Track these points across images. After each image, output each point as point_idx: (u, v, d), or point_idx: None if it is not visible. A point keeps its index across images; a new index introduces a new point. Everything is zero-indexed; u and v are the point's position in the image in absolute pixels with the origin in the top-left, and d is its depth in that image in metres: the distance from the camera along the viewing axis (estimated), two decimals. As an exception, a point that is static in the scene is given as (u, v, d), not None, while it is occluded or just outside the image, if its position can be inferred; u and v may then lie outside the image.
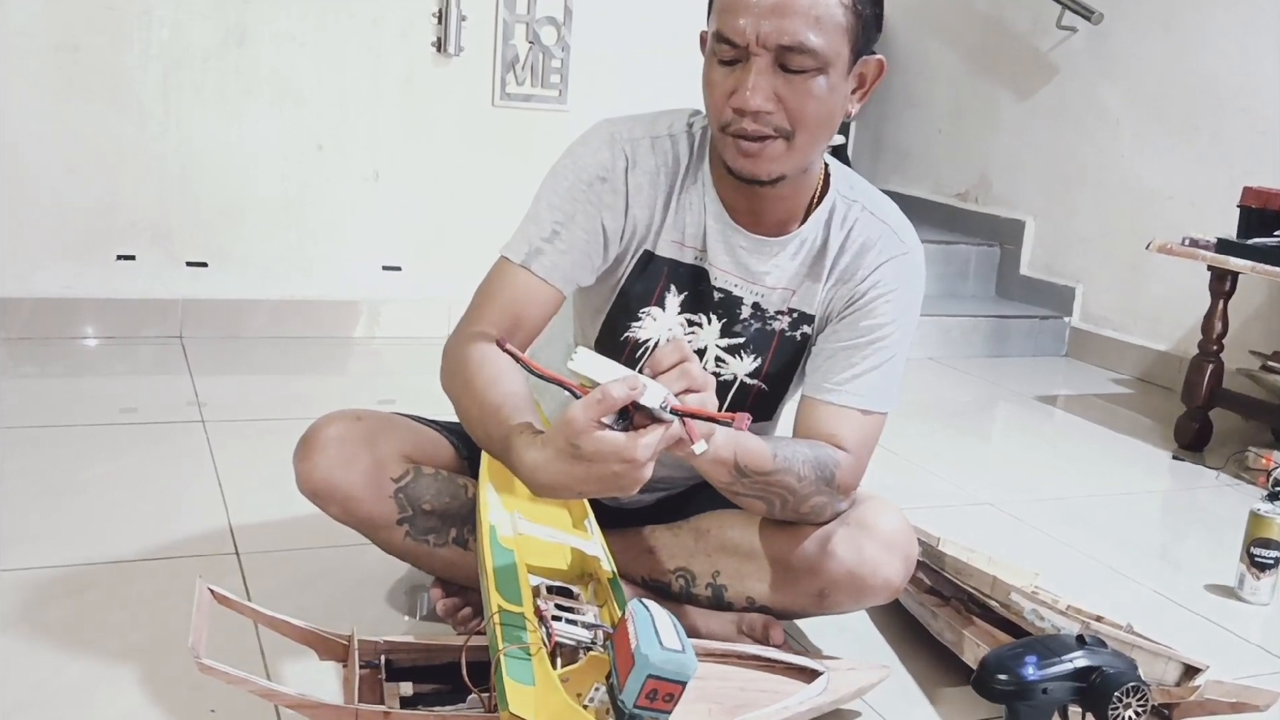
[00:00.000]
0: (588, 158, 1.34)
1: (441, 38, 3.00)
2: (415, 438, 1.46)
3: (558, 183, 1.34)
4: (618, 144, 1.34)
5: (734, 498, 1.33)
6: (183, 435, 2.20)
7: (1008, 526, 2.19)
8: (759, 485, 1.29)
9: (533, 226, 1.33)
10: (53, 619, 1.47)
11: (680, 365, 1.05)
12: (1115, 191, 3.67)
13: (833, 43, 1.20)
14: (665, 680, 0.94)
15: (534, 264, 1.31)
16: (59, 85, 2.70)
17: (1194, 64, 3.41)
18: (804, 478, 1.31)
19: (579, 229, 1.32)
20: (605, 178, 1.33)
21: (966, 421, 3.08)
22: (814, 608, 1.45)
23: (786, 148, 1.24)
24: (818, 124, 1.24)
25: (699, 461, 1.21)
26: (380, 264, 3.09)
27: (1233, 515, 2.22)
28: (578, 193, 1.33)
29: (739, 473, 1.26)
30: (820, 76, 1.21)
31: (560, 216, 1.32)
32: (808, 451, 1.32)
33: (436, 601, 1.49)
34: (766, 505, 1.34)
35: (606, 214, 1.33)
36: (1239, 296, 2.77)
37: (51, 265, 2.76)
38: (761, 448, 1.27)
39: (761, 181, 1.27)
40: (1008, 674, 1.30)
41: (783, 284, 1.40)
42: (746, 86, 1.20)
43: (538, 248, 1.32)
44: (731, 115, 1.23)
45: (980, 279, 4.10)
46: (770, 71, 1.20)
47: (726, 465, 1.25)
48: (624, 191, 1.34)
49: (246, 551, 1.72)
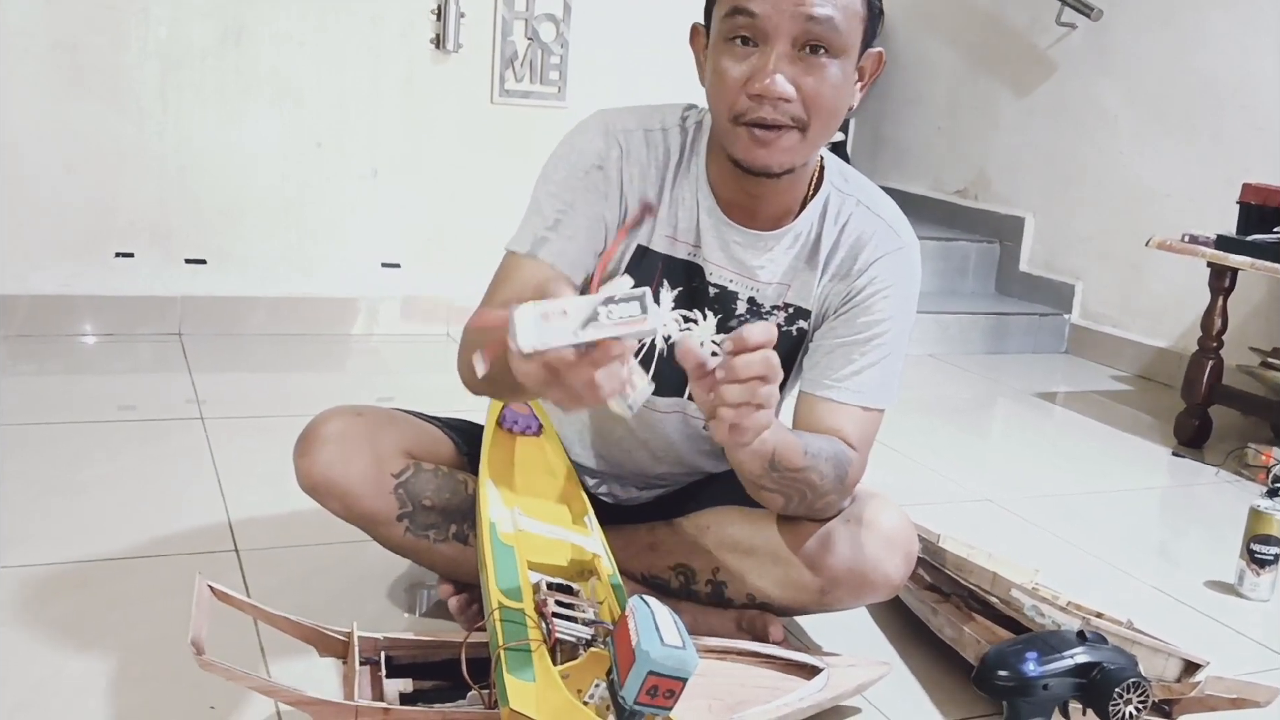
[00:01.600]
0: (584, 146, 1.33)
1: (440, 35, 3.00)
2: (415, 433, 1.46)
3: (555, 172, 1.34)
4: (612, 134, 1.33)
5: (757, 491, 1.31)
6: (181, 433, 2.20)
7: (1008, 523, 2.19)
8: (786, 480, 1.27)
9: (535, 218, 1.32)
10: (52, 616, 1.47)
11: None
12: (1115, 188, 3.67)
13: (851, 28, 1.20)
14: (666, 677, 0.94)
15: (541, 252, 1.30)
16: (58, 84, 2.69)
17: (1193, 61, 3.41)
18: (825, 476, 1.30)
19: (581, 216, 1.31)
20: (601, 166, 1.32)
21: (966, 418, 3.08)
22: (814, 604, 1.45)
23: (801, 139, 1.23)
24: (831, 114, 1.24)
25: (739, 452, 1.20)
26: (379, 261, 3.09)
27: (1232, 511, 2.22)
28: (575, 180, 1.32)
29: (772, 466, 1.24)
30: (835, 64, 1.20)
31: (561, 205, 1.31)
32: (829, 449, 1.31)
33: (448, 598, 1.48)
34: (785, 500, 1.32)
35: (604, 202, 1.32)
36: (1238, 293, 2.77)
37: (50, 263, 2.76)
38: (796, 442, 1.25)
39: (772, 173, 1.26)
40: (1008, 670, 1.30)
41: (777, 278, 1.39)
42: (766, 72, 1.18)
43: (542, 237, 1.30)
44: (748, 103, 1.20)
45: (980, 276, 4.09)
46: (790, 57, 1.19)
47: (765, 458, 1.22)
48: (618, 181, 1.33)
49: (246, 548, 1.72)
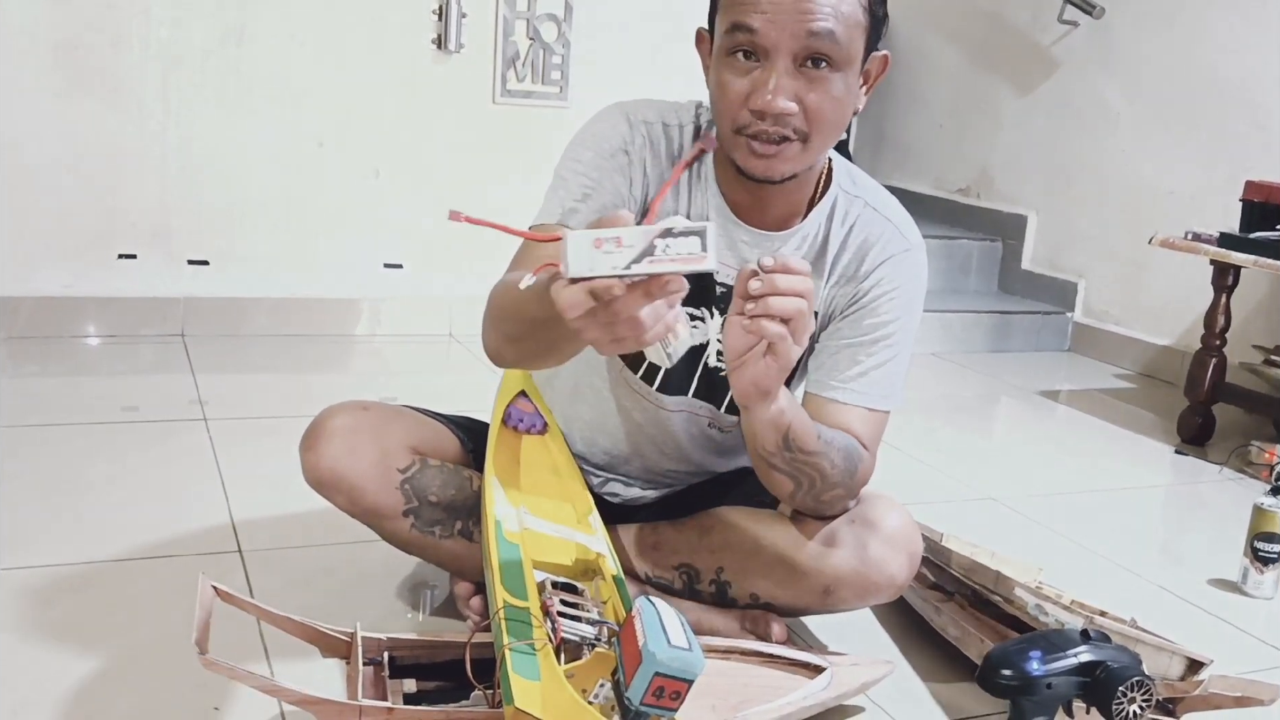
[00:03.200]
0: (608, 130, 1.33)
1: (442, 35, 3.00)
2: (421, 430, 1.46)
3: (581, 152, 1.32)
4: (635, 122, 1.33)
5: (768, 472, 1.30)
6: (185, 433, 2.20)
7: (1011, 522, 2.19)
8: (798, 462, 1.27)
9: (562, 191, 1.31)
10: (56, 617, 1.47)
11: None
12: (1117, 186, 3.67)
13: (853, 39, 1.20)
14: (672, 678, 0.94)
15: (571, 220, 1.27)
16: (59, 84, 2.69)
17: (1195, 58, 3.40)
18: (835, 465, 1.30)
19: (607, 193, 1.30)
20: (626, 150, 1.32)
21: (969, 417, 3.07)
22: (818, 605, 1.45)
23: (802, 149, 1.23)
24: (833, 126, 1.24)
25: (760, 417, 1.19)
26: (381, 262, 3.09)
27: (1236, 510, 2.21)
28: (603, 160, 1.31)
29: (785, 444, 1.24)
30: (837, 75, 1.20)
31: (588, 182, 1.30)
32: (841, 440, 1.31)
33: (469, 598, 1.49)
34: (794, 485, 1.31)
35: (627, 185, 1.32)
36: (1241, 291, 2.77)
37: (52, 264, 2.76)
38: (811, 426, 1.25)
39: (773, 181, 1.26)
40: (1012, 669, 1.30)
41: None
42: (768, 88, 1.18)
43: (571, 208, 1.29)
44: (749, 117, 1.20)
45: (982, 274, 4.09)
46: (792, 72, 1.19)
47: (781, 431, 1.22)
48: (641, 166, 1.33)
49: (249, 549, 1.72)
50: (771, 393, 1.16)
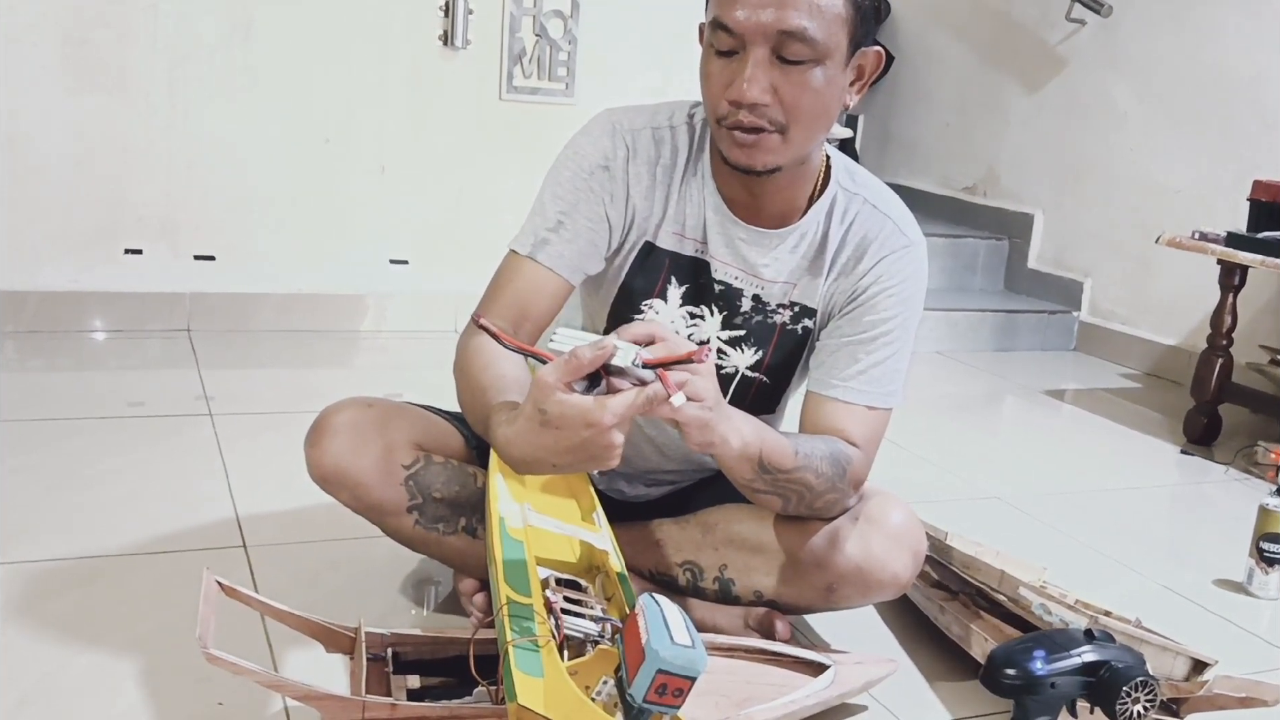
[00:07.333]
0: (588, 147, 1.35)
1: (448, 31, 3.00)
2: (426, 426, 1.46)
3: (560, 173, 1.35)
4: (619, 133, 1.35)
5: (752, 495, 1.32)
6: (190, 428, 2.20)
7: (1016, 521, 2.18)
8: (780, 482, 1.28)
9: (538, 218, 1.35)
10: (60, 611, 1.47)
11: (649, 330, 1.08)
12: (1124, 185, 3.66)
13: (832, 33, 1.20)
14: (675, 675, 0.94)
15: (540, 254, 1.32)
16: (66, 79, 2.70)
17: (1203, 57, 3.39)
18: (821, 474, 1.31)
19: (583, 217, 1.33)
20: (607, 166, 1.34)
21: (974, 416, 3.07)
22: (821, 602, 1.45)
23: (782, 141, 1.24)
24: (813, 118, 1.24)
25: (725, 457, 1.21)
26: (387, 258, 3.09)
27: (1242, 510, 2.21)
28: (580, 181, 1.34)
29: (762, 469, 1.25)
30: (817, 68, 1.21)
31: (564, 206, 1.33)
32: (824, 448, 1.32)
33: (472, 594, 1.49)
34: (783, 502, 1.33)
35: (609, 202, 1.34)
36: (1248, 290, 2.76)
37: (59, 259, 2.76)
38: (785, 444, 1.26)
39: (756, 172, 1.27)
40: (1016, 668, 1.30)
41: (782, 277, 1.39)
42: (743, 78, 1.20)
43: (543, 238, 1.33)
44: (728, 108, 1.23)
45: (988, 273, 4.09)
46: (767, 64, 1.20)
47: (751, 461, 1.24)
48: (624, 180, 1.35)
49: (254, 544, 1.72)
50: (715, 441, 1.14)
